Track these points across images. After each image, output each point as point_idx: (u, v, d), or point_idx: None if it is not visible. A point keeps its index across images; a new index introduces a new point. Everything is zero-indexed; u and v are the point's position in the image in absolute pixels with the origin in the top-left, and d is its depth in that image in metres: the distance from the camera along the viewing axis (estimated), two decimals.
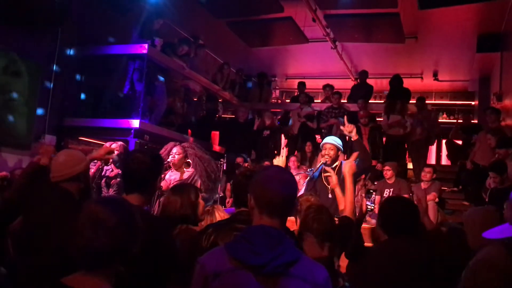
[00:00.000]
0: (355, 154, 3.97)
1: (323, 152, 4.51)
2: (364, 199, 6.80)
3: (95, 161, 4.74)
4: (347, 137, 4.96)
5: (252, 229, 1.63)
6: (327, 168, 3.56)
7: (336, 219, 3.93)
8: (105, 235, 1.45)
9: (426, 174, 6.96)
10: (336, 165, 4.46)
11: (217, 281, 1.53)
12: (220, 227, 2.16)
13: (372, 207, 6.71)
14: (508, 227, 1.99)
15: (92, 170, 5.07)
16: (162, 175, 4.62)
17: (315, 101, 10.67)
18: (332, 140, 4.53)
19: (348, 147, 6.35)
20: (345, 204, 3.06)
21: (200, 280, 1.58)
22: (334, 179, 3.38)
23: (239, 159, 7.98)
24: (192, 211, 2.77)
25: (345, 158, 5.02)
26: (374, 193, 7.25)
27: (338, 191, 3.25)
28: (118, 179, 4.94)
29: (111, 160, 4.96)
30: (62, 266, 1.60)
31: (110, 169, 5.02)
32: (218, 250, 1.64)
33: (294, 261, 1.55)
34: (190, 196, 2.80)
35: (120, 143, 5.12)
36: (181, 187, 2.97)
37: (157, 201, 4.45)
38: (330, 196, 4.12)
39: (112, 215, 1.48)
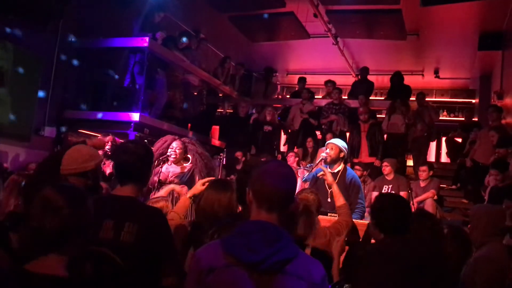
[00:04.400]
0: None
1: (325, 150, 4.64)
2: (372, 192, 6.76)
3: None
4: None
5: (249, 224, 1.59)
6: (323, 168, 3.58)
7: (332, 215, 3.96)
8: (53, 216, 1.53)
9: (422, 173, 6.96)
10: (339, 170, 4.50)
11: (211, 276, 1.50)
12: (224, 226, 2.13)
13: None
14: None
15: (108, 171, 5.09)
16: (159, 168, 4.61)
17: (315, 97, 10.62)
18: (337, 141, 4.64)
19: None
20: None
21: (195, 274, 1.56)
22: (329, 176, 3.36)
23: (238, 154, 7.97)
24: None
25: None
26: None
27: (335, 188, 3.26)
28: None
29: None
30: None
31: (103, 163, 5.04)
32: (215, 244, 1.60)
33: (291, 258, 1.52)
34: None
35: (110, 135, 5.14)
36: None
37: (154, 192, 4.43)
38: (329, 200, 4.09)
39: (60, 197, 1.56)
